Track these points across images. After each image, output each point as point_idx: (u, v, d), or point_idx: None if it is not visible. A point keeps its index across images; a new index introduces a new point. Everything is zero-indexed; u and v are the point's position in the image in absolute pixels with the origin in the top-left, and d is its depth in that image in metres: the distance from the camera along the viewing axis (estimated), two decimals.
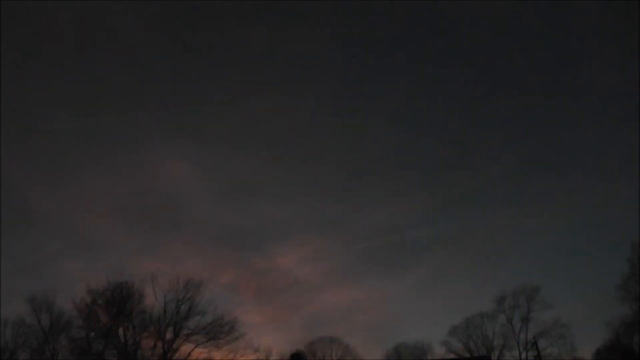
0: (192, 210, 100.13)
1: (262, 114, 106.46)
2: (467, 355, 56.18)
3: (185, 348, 51.34)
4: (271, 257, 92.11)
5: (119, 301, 51.16)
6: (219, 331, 51.74)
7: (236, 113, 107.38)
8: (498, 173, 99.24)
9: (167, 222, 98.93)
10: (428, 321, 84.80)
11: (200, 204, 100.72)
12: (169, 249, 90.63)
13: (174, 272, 76.15)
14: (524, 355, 55.71)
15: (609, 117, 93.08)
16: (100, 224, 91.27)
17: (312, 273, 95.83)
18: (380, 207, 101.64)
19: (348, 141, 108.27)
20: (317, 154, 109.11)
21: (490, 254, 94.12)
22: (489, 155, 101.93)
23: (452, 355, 57.41)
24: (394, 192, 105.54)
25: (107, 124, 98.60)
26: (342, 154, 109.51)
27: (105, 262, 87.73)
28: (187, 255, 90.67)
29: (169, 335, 51.06)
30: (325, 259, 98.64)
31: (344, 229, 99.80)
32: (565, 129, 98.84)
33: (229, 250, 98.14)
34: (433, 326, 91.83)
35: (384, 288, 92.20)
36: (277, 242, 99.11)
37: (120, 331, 50.91)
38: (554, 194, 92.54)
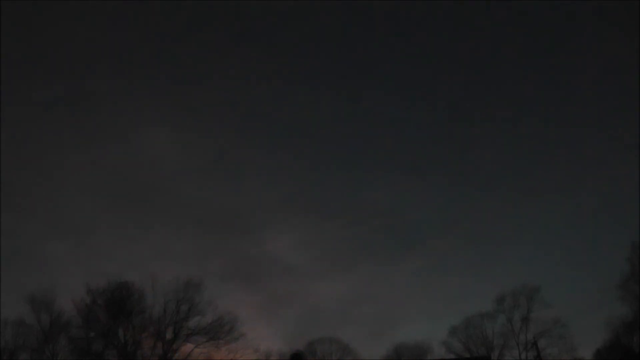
0: (178, 188, 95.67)
1: (252, 83, 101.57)
2: (467, 355, 56.11)
3: (185, 348, 51.45)
4: (261, 241, 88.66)
5: (119, 301, 51.13)
6: (219, 331, 51.86)
7: (224, 80, 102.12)
8: (499, 161, 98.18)
9: (152, 202, 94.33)
10: (428, 313, 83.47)
11: (186, 182, 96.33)
12: (155, 232, 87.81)
13: (160, 259, 73.71)
14: (524, 355, 55.69)
15: (609, 116, 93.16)
16: (82, 204, 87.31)
17: (305, 259, 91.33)
18: (379, 187, 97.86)
19: (345, 117, 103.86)
20: (311, 129, 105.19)
21: (491, 243, 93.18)
22: (491, 141, 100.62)
23: (452, 355, 57.37)
24: (393, 171, 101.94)
25: (88, 93, 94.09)
26: (339, 129, 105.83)
27: (90, 246, 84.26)
28: (173, 240, 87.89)
29: (169, 335, 51.18)
30: (319, 243, 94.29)
31: (339, 211, 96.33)
32: (565, 127, 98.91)
33: (217, 233, 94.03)
34: (433, 318, 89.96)
35: (383, 275, 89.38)
36: (267, 225, 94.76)
37: (120, 331, 50.93)
38: (554, 193, 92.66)
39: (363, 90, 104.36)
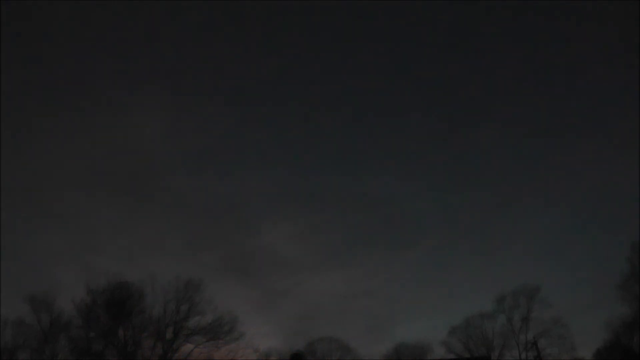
0: (173, 181, 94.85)
1: (247, 76, 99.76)
2: (467, 355, 56.10)
3: (185, 348, 51.44)
4: (257, 233, 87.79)
5: (119, 301, 51.12)
6: (219, 331, 51.86)
7: (219, 72, 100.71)
8: (500, 161, 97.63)
9: (147, 195, 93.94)
10: (427, 310, 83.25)
11: (182, 175, 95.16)
12: (150, 226, 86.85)
13: (156, 252, 72.90)
14: (524, 355, 55.66)
15: (609, 116, 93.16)
16: (71, 195, 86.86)
17: (302, 252, 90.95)
18: (378, 182, 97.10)
19: (345, 111, 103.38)
20: (308, 122, 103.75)
21: (491, 243, 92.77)
22: (491, 140, 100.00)
23: (452, 355, 57.38)
24: (393, 166, 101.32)
25: (73, 75, 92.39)
26: (337, 122, 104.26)
27: (86, 241, 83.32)
28: (165, 232, 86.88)
29: (169, 335, 51.14)
30: (316, 235, 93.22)
31: (338, 201, 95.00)
32: (566, 127, 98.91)
33: (212, 226, 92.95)
34: (433, 316, 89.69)
35: (382, 269, 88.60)
36: (263, 217, 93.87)
37: (120, 331, 50.90)
38: (554, 193, 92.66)
39: (362, 87, 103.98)
